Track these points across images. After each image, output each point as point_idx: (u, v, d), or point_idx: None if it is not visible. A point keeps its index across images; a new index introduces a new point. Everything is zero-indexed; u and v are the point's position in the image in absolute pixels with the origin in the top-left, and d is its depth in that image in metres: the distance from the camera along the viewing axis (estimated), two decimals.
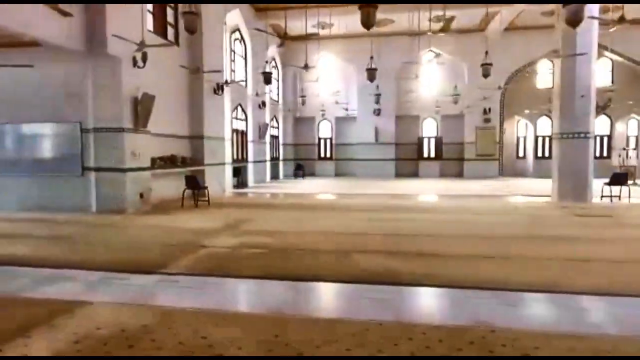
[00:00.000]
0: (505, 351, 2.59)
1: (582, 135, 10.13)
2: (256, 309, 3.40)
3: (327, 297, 3.87)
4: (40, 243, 5.86)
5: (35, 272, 4.36)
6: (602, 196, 10.34)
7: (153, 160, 9.41)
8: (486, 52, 10.83)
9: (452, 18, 15.81)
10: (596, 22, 9.46)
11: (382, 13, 12.63)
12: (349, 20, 16.42)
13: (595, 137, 11.12)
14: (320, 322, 3.09)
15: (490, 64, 10.71)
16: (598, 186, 10.54)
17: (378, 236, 6.32)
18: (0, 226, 7.25)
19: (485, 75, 11.05)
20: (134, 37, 7.94)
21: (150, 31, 9.44)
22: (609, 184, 10.30)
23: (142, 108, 8.42)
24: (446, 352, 2.59)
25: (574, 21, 5.66)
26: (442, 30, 11.09)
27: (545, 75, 19.52)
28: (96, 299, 3.50)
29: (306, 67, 11.55)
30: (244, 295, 3.83)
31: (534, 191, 12.84)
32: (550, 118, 19.27)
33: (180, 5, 10.91)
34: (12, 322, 3.02)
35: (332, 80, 21.04)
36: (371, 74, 11.61)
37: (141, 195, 8.80)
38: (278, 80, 20.02)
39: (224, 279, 4.22)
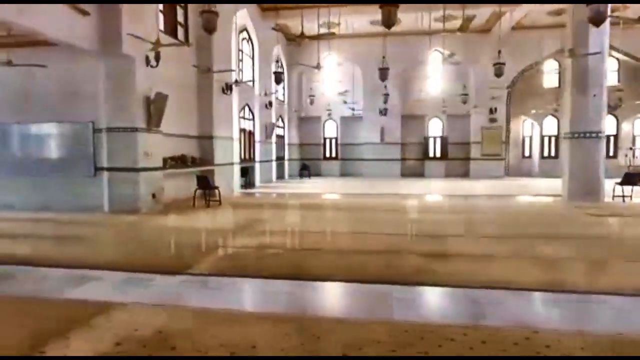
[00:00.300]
0: (551, 352, 2.57)
1: (593, 134, 10.11)
2: (290, 310, 3.37)
3: (358, 298, 3.83)
4: (59, 243, 5.83)
5: (60, 273, 4.32)
6: (614, 196, 10.30)
7: (164, 160, 9.38)
8: (499, 52, 10.81)
9: (472, 17, 15.65)
10: (608, 20, 9.43)
11: None
12: (355, 19, 16.43)
13: None
14: (357, 323, 3.05)
15: (503, 64, 10.69)
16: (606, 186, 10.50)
17: (395, 236, 6.29)
18: (15, 226, 7.23)
19: (498, 74, 11.04)
20: (146, 37, 7.93)
21: (161, 31, 9.41)
22: (621, 183, 10.27)
23: (155, 108, 8.40)
24: (491, 353, 2.57)
25: (598, 20, 5.64)
26: (460, 29, 10.99)
27: (552, 74, 19.49)
28: (127, 300, 3.47)
29: (318, 66, 11.52)
30: (275, 296, 3.78)
31: (543, 191, 12.81)
32: (557, 117, 19.30)
33: (193, 5, 10.89)
34: (49, 324, 2.99)
35: (337, 80, 21.00)
36: (383, 73, 11.59)
37: (153, 196, 8.77)
38: (284, 80, 19.97)
39: (251, 279, 4.19)
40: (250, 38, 15.47)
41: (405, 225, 7.30)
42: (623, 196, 10.20)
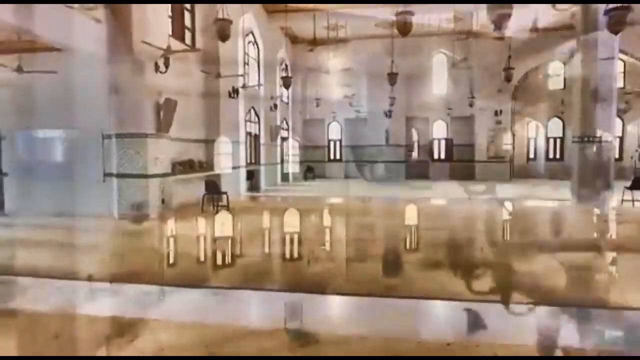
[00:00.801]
0: None
1: (603, 139, 10.05)
2: (317, 326, 3.31)
3: (389, 313, 3.79)
4: (70, 252, 5.79)
5: (73, 285, 4.24)
6: (622, 200, 10.24)
7: (173, 165, 9.35)
8: (509, 57, 10.78)
9: (487, 25, 15.54)
10: None
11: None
12: (361, 22, 16.36)
13: None
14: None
15: (513, 68, 10.67)
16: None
17: (421, 246, 6.25)
18: (23, 233, 7.18)
19: (508, 79, 11.01)
20: (156, 42, 7.90)
21: (169, 36, 9.37)
22: (630, 188, 10.20)
23: (164, 113, 8.37)
24: None
25: (617, 29, 5.58)
26: (475, 35, 10.96)
27: (556, 77, 19.45)
28: (150, 316, 3.42)
29: (327, 71, 11.49)
30: (299, 311, 3.73)
31: (551, 194, 12.77)
32: (562, 120, 19.26)
33: (200, 8, 10.86)
34: (76, 344, 2.95)
35: (342, 82, 20.91)
36: (392, 78, 11.56)
37: (162, 201, 8.73)
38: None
39: (271, 292, 4.15)
40: (255, 41, 15.43)
41: (427, 234, 7.26)
42: (633, 200, 10.13)
